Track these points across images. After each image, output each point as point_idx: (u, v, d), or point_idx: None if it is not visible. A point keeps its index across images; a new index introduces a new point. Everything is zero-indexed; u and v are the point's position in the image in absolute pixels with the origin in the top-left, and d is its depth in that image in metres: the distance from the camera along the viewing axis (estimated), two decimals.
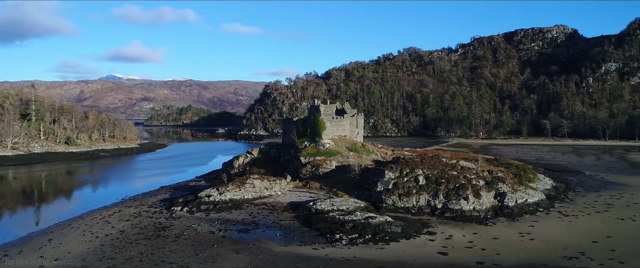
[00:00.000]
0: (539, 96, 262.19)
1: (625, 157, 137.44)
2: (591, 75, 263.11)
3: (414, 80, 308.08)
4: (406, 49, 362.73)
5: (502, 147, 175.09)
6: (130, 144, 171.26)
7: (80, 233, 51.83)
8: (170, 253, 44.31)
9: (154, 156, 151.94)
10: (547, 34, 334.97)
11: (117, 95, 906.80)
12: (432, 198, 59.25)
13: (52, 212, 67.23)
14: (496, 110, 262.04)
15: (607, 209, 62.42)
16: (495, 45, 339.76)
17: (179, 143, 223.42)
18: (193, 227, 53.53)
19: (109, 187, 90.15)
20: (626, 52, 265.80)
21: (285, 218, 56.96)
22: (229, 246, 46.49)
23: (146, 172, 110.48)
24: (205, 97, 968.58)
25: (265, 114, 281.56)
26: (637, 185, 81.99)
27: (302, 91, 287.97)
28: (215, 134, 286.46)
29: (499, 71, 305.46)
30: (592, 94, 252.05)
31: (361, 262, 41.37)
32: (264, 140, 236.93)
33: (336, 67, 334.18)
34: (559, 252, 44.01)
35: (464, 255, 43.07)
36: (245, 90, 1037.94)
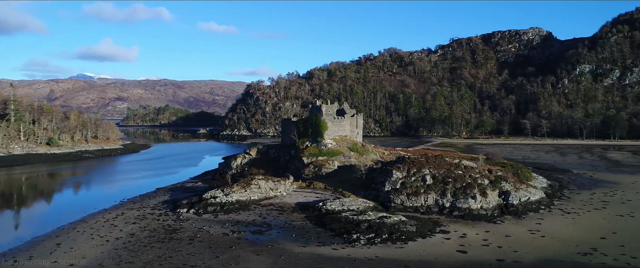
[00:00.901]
0: (517, 96, 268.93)
1: (605, 155, 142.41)
2: (566, 76, 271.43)
3: (396, 81, 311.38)
4: (387, 50, 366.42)
5: (486, 146, 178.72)
6: (114, 145, 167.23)
7: (89, 237, 50.50)
8: (190, 256, 43.64)
9: (139, 157, 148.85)
10: (523, 36, 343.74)
11: (89, 95, 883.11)
12: (440, 197, 60.13)
13: (51, 216, 65.07)
14: (476, 110, 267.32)
15: (604, 206, 64.59)
16: (473, 46, 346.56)
17: (162, 144, 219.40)
18: (205, 229, 52.83)
19: (102, 189, 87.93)
20: (599, 54, 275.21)
21: (297, 219, 56.80)
22: (247, 248, 46.10)
23: (136, 173, 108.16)
24: (180, 96, 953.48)
25: (248, 114, 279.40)
26: (625, 183, 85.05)
27: (285, 91, 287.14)
28: (197, 135, 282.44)
29: (478, 72, 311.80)
30: (567, 95, 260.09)
31: (384, 262, 41.69)
32: (248, 141, 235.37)
33: (318, 67, 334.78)
34: (572, 248, 45.35)
35: (483, 253, 43.90)
36: (222, 90, 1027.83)
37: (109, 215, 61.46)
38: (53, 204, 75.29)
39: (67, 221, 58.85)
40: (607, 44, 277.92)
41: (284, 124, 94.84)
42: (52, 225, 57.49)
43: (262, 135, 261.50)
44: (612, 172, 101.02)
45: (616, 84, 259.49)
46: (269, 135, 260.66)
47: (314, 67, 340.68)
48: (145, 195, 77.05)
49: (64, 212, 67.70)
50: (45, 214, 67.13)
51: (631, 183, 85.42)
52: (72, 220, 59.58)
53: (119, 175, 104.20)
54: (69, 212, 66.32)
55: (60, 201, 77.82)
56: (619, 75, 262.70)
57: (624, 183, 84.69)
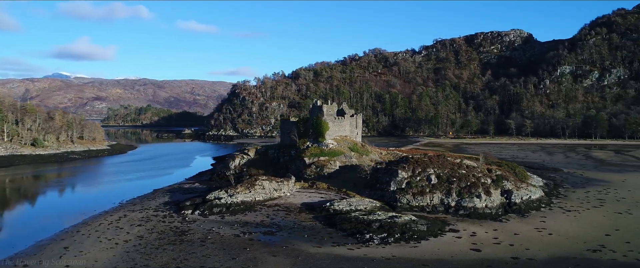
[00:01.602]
0: (501, 97, 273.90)
1: (590, 154, 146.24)
2: (548, 77, 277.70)
3: (381, 81, 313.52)
4: (371, 50, 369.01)
5: (473, 146, 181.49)
6: (100, 146, 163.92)
7: (96, 240, 49.48)
8: (205, 258, 43.19)
9: (127, 158, 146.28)
10: (505, 38, 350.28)
11: (66, 94, 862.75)
12: (445, 196, 60.89)
13: (50, 218, 63.43)
14: (461, 111, 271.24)
15: (601, 204, 66.34)
16: (457, 47, 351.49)
17: (148, 144, 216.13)
18: (214, 231, 52.33)
19: (98, 190, 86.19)
20: (578, 56, 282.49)
21: (305, 220, 56.73)
22: (262, 249, 45.86)
23: (129, 174, 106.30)
24: (161, 96, 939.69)
25: (234, 114, 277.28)
26: (615, 181, 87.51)
27: (272, 91, 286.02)
28: (182, 135, 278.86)
29: (461, 72, 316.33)
30: (549, 95, 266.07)
31: (402, 261, 42.01)
32: (234, 141, 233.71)
33: (304, 67, 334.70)
34: (580, 245, 46.49)
35: (497, 251, 44.63)
36: (203, 89, 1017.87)
37: (111, 217, 60.32)
38: (50, 206, 73.38)
39: (69, 224, 57.58)
40: (586, 46, 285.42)
41: (284, 124, 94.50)
42: (53, 227, 56.14)
43: (248, 135, 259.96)
44: (600, 171, 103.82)
45: (595, 85, 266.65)
46: (256, 136, 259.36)
47: (297, 67, 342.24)
48: (143, 196, 75.89)
49: (63, 214, 66.18)
50: (44, 217, 65.31)
51: (621, 181, 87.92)
52: (74, 222, 58.31)
53: (112, 177, 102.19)
54: (69, 215, 64.91)
55: (57, 203, 76.02)
56: (598, 76, 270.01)
57: (614, 182, 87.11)
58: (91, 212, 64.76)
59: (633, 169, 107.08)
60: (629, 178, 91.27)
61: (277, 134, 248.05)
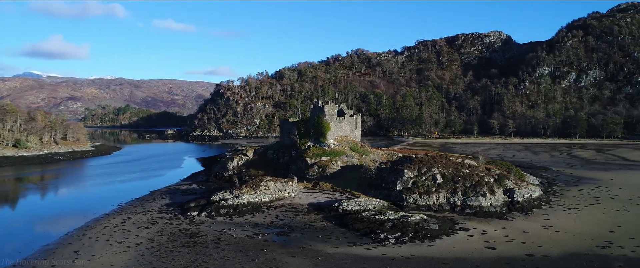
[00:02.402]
0: (483, 97, 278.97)
1: (573, 153, 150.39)
2: (527, 78, 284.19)
3: (365, 81, 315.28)
4: (354, 51, 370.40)
5: (459, 145, 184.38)
6: (85, 147, 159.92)
7: (106, 243, 48.42)
8: (223, 260, 42.78)
9: (114, 159, 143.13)
10: (485, 39, 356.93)
11: (39, 94, 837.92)
12: (451, 195, 61.78)
13: (50, 222, 61.88)
14: (444, 111, 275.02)
15: (598, 202, 68.35)
16: (438, 48, 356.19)
17: (132, 145, 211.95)
18: (225, 232, 51.85)
19: (92, 192, 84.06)
20: (556, 57, 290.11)
21: (315, 220, 56.72)
22: (279, 250, 45.69)
23: (120, 176, 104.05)
24: (137, 96, 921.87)
25: (219, 114, 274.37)
26: (605, 179, 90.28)
27: (256, 91, 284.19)
28: (164, 135, 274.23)
29: (443, 73, 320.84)
30: (529, 96, 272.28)
31: (422, 260, 42.48)
32: (219, 141, 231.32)
33: (287, 67, 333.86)
34: (588, 242, 47.88)
35: (511, 249, 45.57)
36: (181, 89, 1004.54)
37: (115, 220, 59.11)
38: (47, 209, 71.33)
39: (71, 227, 56.18)
40: (563, 48, 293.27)
41: (283, 124, 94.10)
42: (56, 231, 54.71)
43: (233, 135, 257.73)
44: (588, 169, 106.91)
45: (573, 86, 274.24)
46: (241, 136, 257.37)
47: (277, 66, 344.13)
48: (142, 198, 74.63)
49: (63, 217, 64.61)
50: (43, 220, 63.61)
51: (610, 179, 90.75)
52: (76, 225, 56.95)
53: (104, 178, 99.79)
54: (69, 217, 63.39)
55: (53, 206, 74.05)
56: (575, 77, 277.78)
57: (604, 180, 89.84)
58: (91, 214, 63.37)
59: (618, 167, 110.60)
60: (617, 177, 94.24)
61: (268, 135, 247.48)
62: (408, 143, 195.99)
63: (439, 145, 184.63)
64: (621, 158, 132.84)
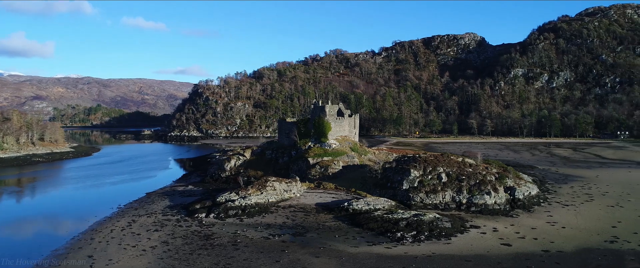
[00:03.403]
0: (460, 98, 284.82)
1: (552, 152, 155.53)
2: (502, 79, 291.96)
3: (345, 82, 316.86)
4: (332, 51, 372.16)
5: (442, 145, 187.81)
6: (63, 148, 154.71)
7: (119, 247, 47.20)
8: (248, 262, 42.39)
9: (95, 160, 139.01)
10: (461, 41, 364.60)
11: (1, 93, 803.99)
12: (456, 194, 63.01)
13: (51, 226, 59.85)
14: (423, 111, 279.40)
15: (591, 199, 70.88)
16: (415, 49, 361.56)
17: (110, 146, 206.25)
18: (240, 234, 51.32)
19: (86, 195, 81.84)
20: (529, 59, 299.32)
21: (327, 220, 56.78)
22: (300, 250, 45.59)
23: (109, 178, 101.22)
24: (107, 96, 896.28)
25: (198, 114, 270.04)
26: (590, 177, 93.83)
27: (236, 91, 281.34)
28: (141, 136, 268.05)
29: (421, 74, 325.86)
30: (504, 96, 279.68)
31: (444, 258, 43.19)
32: (199, 142, 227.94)
33: (266, 67, 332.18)
34: (596, 237, 49.73)
35: (526, 245, 46.88)
36: (151, 89, 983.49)
37: (119, 223, 57.64)
38: (43, 213, 68.77)
39: (77, 230, 54.68)
40: (536, 50, 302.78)
41: (282, 124, 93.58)
42: (61, 235, 53.12)
43: (213, 136, 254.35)
44: (571, 167, 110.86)
45: (545, 87, 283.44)
46: (221, 136, 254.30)
47: (253, 66, 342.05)
48: (140, 200, 73.17)
49: (62, 220, 62.87)
50: (43, 223, 61.38)
51: (595, 177, 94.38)
52: (80, 229, 55.42)
53: (92, 181, 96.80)
54: (69, 221, 61.89)
55: (48, 209, 71.38)
56: (548, 78, 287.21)
57: (589, 177, 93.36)
58: (91, 217, 61.66)
59: (598, 165, 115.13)
60: (600, 174, 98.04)
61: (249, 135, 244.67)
62: (391, 143, 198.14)
63: (422, 145, 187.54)
64: (598, 157, 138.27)
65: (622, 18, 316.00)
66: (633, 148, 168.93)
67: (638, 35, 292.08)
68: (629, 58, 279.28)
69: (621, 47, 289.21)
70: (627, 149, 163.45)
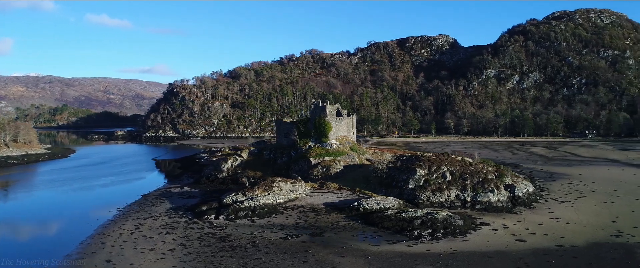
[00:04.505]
0: (435, 98, 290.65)
1: (529, 150, 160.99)
2: (475, 80, 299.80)
3: (322, 82, 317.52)
4: (308, 51, 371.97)
5: (423, 144, 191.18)
6: (38, 150, 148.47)
7: (135, 251, 46.06)
8: (274, 263, 42.17)
9: (75, 162, 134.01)
10: (434, 42, 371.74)
11: None
12: (461, 192, 64.50)
13: (52, 229, 57.40)
14: (399, 111, 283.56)
15: (583, 195, 73.94)
16: (390, 50, 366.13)
17: (85, 147, 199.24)
18: (256, 235, 50.90)
19: (78, 198, 79.00)
20: (501, 60, 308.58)
21: (340, 220, 57.01)
22: (323, 250, 45.66)
23: (96, 180, 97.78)
24: (70, 95, 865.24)
25: (174, 115, 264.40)
26: (574, 174, 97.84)
27: (213, 90, 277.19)
28: (114, 137, 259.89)
29: (397, 74, 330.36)
30: (477, 97, 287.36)
31: (467, 255, 44.18)
32: (176, 142, 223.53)
33: (242, 66, 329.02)
34: (600, 232, 52.01)
35: (540, 241, 48.55)
36: (117, 88, 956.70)
37: (125, 226, 56.06)
38: (40, 216, 65.84)
39: (83, 234, 52.63)
40: (507, 52, 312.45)
41: (280, 125, 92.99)
42: (67, 239, 51.11)
43: (191, 136, 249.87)
44: (553, 165, 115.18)
45: (516, 88, 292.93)
46: (199, 136, 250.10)
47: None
48: (139, 202, 71.50)
49: (63, 224, 60.50)
50: (44, 228, 58.88)
51: (578, 174, 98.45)
52: (86, 233, 53.49)
53: (80, 183, 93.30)
54: (71, 224, 59.61)
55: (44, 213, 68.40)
56: (518, 79, 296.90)
57: (573, 175, 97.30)
58: (93, 221, 59.85)
59: (577, 163, 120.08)
60: (583, 172, 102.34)
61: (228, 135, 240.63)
62: (372, 143, 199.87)
63: (403, 144, 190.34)
64: (574, 155, 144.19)
65: (587, 22, 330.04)
66: (602, 146, 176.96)
67: (601, 38, 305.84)
68: (593, 60, 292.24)
69: (586, 50, 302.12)
70: (597, 148, 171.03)
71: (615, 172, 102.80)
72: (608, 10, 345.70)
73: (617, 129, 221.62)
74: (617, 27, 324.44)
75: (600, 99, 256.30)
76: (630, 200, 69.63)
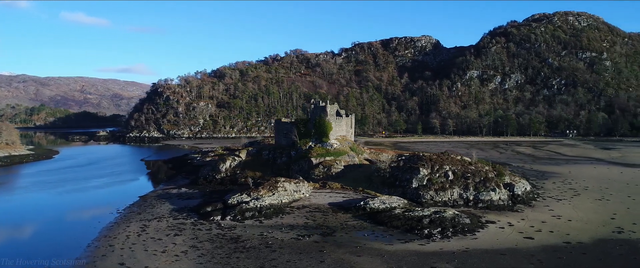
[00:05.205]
0: (420, 98, 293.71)
1: (515, 149, 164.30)
2: (459, 80, 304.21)
3: (307, 82, 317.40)
4: (293, 51, 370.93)
5: (410, 144, 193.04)
6: (21, 151, 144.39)
7: (147, 253, 45.43)
8: (292, 263, 42.16)
9: (61, 164, 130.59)
10: (417, 43, 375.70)
11: None
12: (464, 191, 65.49)
13: (55, 232, 55.88)
14: (385, 111, 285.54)
15: (577, 193, 75.87)
16: (374, 50, 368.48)
17: (68, 148, 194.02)
18: (267, 235, 50.74)
19: (74, 200, 77.16)
20: (483, 61, 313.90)
21: (348, 219, 57.24)
22: (338, 250, 45.81)
23: (88, 182, 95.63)
24: (45, 95, 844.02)
25: (158, 115, 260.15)
26: (563, 173, 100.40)
27: (198, 90, 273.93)
28: (96, 137, 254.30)
29: (381, 75, 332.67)
30: (461, 97, 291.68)
31: (480, 252, 44.92)
32: (161, 143, 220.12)
33: (226, 65, 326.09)
34: (602, 228, 53.56)
35: (547, 238, 49.69)
36: (94, 88, 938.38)
37: (129, 228, 55.12)
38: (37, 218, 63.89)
39: (88, 237, 51.58)
40: (489, 53, 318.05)
41: (279, 125, 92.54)
42: (72, 242, 49.93)
43: (176, 136, 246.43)
44: (542, 164, 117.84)
45: (499, 88, 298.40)
46: (184, 137, 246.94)
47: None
48: (138, 204, 70.28)
49: (64, 227, 58.92)
50: (45, 230, 57.21)
51: (568, 173, 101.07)
52: (90, 236, 52.28)
53: (72, 185, 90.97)
54: (73, 227, 58.14)
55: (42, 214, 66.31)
56: (500, 80, 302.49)
57: (563, 173, 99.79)
58: (94, 223, 58.68)
59: (564, 162, 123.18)
60: (572, 170, 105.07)
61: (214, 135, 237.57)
62: (360, 143, 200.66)
63: (391, 144, 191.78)
64: (559, 154, 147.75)
65: (565, 24, 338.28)
66: (584, 146, 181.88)
67: (579, 40, 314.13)
68: (572, 62, 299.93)
69: (565, 52, 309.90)
70: (579, 147, 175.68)
71: (602, 170, 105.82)
72: (585, 13, 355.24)
73: (597, 128, 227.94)
74: (594, 29, 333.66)
75: (579, 100, 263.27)
76: (623, 198, 71.83)
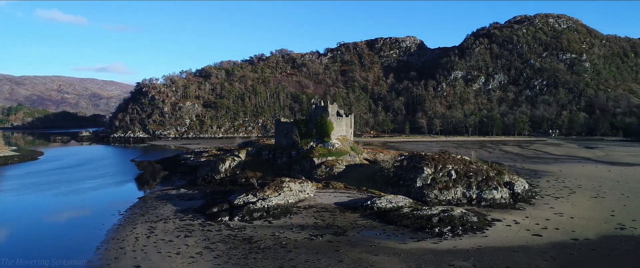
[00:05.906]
0: (406, 98, 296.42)
1: (502, 149, 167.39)
2: (444, 81, 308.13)
3: (293, 82, 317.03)
4: (278, 51, 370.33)
5: (400, 143, 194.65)
6: (6, 152, 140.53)
7: (161, 256, 44.84)
8: (311, 263, 42.20)
9: (48, 165, 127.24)
10: (402, 44, 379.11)
11: None
12: (467, 190, 66.47)
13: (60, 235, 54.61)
14: (371, 111, 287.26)
15: (573, 191, 77.78)
16: (360, 51, 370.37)
17: (53, 149, 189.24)
18: (280, 236, 50.63)
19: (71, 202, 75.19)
20: (467, 62, 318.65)
21: (356, 219, 57.51)
22: (353, 249, 46.03)
23: (82, 183, 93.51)
24: (20, 94, 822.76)
25: (144, 115, 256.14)
26: (555, 172, 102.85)
27: (184, 90, 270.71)
28: (79, 137, 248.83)
29: (367, 75, 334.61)
30: (446, 97, 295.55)
31: (493, 250, 45.68)
32: (147, 143, 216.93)
33: (211, 65, 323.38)
34: (604, 225, 55.05)
35: (555, 235, 50.85)
36: (72, 87, 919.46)
37: (136, 230, 54.27)
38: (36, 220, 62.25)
39: (96, 240, 50.54)
40: (473, 54, 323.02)
41: (280, 125, 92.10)
42: (80, 246, 48.83)
43: (162, 137, 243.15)
44: (532, 163, 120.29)
45: (483, 88, 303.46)
46: (170, 137, 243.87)
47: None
48: (139, 206, 69.20)
49: (66, 228, 57.67)
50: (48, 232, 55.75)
51: (559, 171, 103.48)
52: (98, 239, 51.22)
53: (66, 187, 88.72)
54: (75, 229, 56.94)
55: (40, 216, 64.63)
56: (484, 81, 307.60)
57: (554, 172, 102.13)
58: (98, 225, 57.63)
59: (553, 161, 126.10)
60: (563, 169, 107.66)
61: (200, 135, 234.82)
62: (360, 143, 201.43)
63: (381, 144, 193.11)
64: (546, 153, 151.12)
65: (546, 26, 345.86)
66: (568, 145, 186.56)
67: (560, 42, 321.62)
68: (553, 63, 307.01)
69: (546, 53, 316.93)
70: (564, 146, 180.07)
71: (591, 169, 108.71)
72: (565, 15, 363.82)
73: (578, 128, 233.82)
74: (573, 31, 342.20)
75: (560, 100, 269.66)
76: (617, 195, 73.95)
